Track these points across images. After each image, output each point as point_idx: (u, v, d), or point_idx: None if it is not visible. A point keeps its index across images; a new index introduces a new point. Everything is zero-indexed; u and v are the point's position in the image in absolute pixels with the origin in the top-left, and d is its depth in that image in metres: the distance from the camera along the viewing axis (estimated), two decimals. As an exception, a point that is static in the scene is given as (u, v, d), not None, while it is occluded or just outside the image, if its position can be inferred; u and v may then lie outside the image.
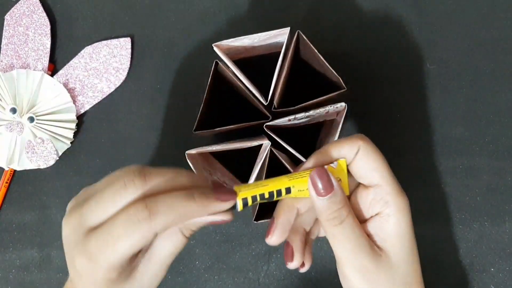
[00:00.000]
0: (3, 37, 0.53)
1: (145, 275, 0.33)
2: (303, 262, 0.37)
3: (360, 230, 0.34)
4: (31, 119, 0.51)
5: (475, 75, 0.52)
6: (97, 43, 0.53)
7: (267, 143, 0.43)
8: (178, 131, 0.52)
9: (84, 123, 0.53)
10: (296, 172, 0.34)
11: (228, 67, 0.44)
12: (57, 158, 0.52)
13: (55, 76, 0.53)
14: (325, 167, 0.34)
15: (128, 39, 0.53)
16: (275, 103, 0.44)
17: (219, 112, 0.50)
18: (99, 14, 0.54)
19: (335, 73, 0.43)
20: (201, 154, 0.46)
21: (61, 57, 0.54)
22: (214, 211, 0.31)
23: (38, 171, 0.53)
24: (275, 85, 0.44)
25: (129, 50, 0.53)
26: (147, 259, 0.33)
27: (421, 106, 0.52)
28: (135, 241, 0.29)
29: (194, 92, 0.52)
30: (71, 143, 0.52)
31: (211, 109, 0.47)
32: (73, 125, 0.52)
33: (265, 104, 0.44)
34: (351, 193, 0.36)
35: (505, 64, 0.52)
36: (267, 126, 0.44)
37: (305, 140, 0.50)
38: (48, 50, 0.53)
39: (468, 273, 0.50)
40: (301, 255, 0.37)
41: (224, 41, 0.44)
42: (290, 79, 0.48)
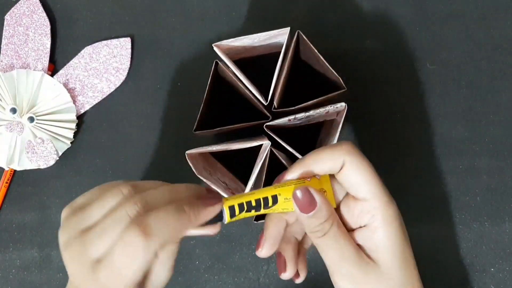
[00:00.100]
0: (3, 37, 0.53)
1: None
2: (297, 272, 0.37)
3: (346, 239, 0.34)
4: (31, 119, 0.51)
5: (475, 75, 0.52)
6: (97, 43, 0.53)
7: (267, 143, 0.43)
8: (178, 131, 0.52)
9: (84, 123, 0.53)
10: (281, 183, 0.35)
11: (228, 67, 0.44)
12: (57, 158, 0.52)
13: (55, 76, 0.53)
14: (308, 179, 0.34)
15: (128, 39, 0.53)
16: (275, 103, 0.44)
17: (219, 112, 0.50)
18: (99, 14, 0.54)
19: (335, 73, 0.43)
20: (201, 154, 0.46)
21: (61, 57, 0.54)
22: (205, 219, 0.32)
23: (38, 171, 0.52)
24: (275, 85, 0.44)
25: (129, 50, 0.53)
26: (150, 280, 0.33)
27: (421, 106, 0.52)
28: (139, 266, 0.30)
29: (194, 92, 0.52)
30: (71, 143, 0.52)
31: (211, 109, 0.47)
32: (73, 125, 0.52)
33: (265, 104, 0.44)
34: (339, 203, 0.36)
35: (505, 64, 0.52)
36: (267, 126, 0.44)
37: (305, 140, 0.50)
38: (48, 50, 0.53)
39: (468, 273, 0.50)
40: (294, 264, 0.37)
41: (224, 41, 0.44)
42: (290, 79, 0.48)
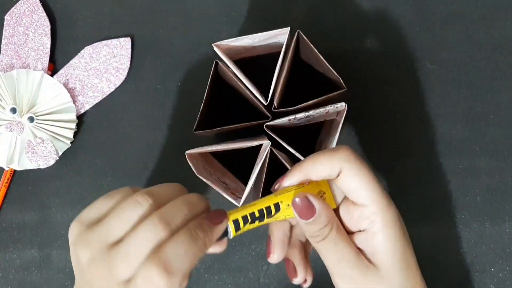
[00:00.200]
0: (3, 37, 0.53)
1: None
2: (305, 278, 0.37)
3: (345, 243, 0.34)
4: (31, 119, 0.51)
5: (475, 75, 0.52)
6: (97, 43, 0.53)
7: (267, 143, 0.43)
8: (178, 131, 0.52)
9: (84, 123, 0.53)
10: (280, 190, 0.35)
11: (228, 67, 0.44)
12: (57, 158, 0.52)
13: (55, 76, 0.53)
14: (307, 183, 0.34)
15: (128, 39, 0.53)
16: (275, 103, 0.44)
17: (219, 112, 0.50)
18: (99, 14, 0.54)
19: (335, 73, 0.43)
20: (201, 154, 0.46)
21: (61, 57, 0.54)
22: (216, 239, 0.33)
23: (38, 171, 0.52)
24: (275, 85, 0.44)
25: (129, 50, 0.53)
26: None
27: (421, 106, 0.52)
28: None
29: (194, 92, 0.52)
30: (71, 143, 0.52)
31: (211, 109, 0.47)
32: (73, 125, 0.52)
33: (265, 104, 0.44)
34: (339, 205, 0.36)
35: (505, 64, 0.52)
36: (267, 126, 0.44)
37: (305, 140, 0.50)
38: (48, 50, 0.53)
39: (468, 273, 0.50)
40: (304, 268, 0.37)
41: (224, 41, 0.44)
42: (290, 79, 0.48)
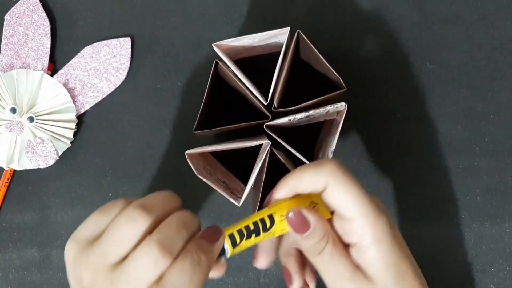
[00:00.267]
0: (3, 37, 0.53)
1: None
2: (305, 283, 0.37)
3: (342, 256, 0.34)
4: (31, 119, 0.51)
5: (475, 75, 0.52)
6: (97, 43, 0.53)
7: (267, 143, 0.43)
8: (178, 131, 0.52)
9: (84, 123, 0.53)
10: (272, 203, 0.35)
11: (228, 67, 0.44)
12: (57, 158, 0.52)
13: (55, 76, 0.53)
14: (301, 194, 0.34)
15: (128, 39, 0.53)
16: (275, 103, 0.44)
17: (219, 112, 0.50)
18: (99, 14, 0.54)
19: (335, 73, 0.43)
20: (201, 154, 0.46)
21: (61, 57, 0.54)
22: (215, 259, 0.32)
23: (38, 171, 0.52)
24: (275, 85, 0.44)
25: (129, 50, 0.53)
26: None
27: (421, 106, 0.52)
28: None
29: (194, 92, 0.52)
30: (71, 143, 0.52)
31: (211, 109, 0.47)
32: (73, 125, 0.52)
33: (265, 104, 0.44)
34: (333, 213, 0.35)
35: (505, 64, 0.52)
36: (267, 126, 0.44)
37: (305, 140, 0.50)
38: (48, 50, 0.53)
39: (468, 273, 0.50)
40: (300, 275, 0.37)
41: (224, 41, 0.44)
42: (290, 79, 0.48)
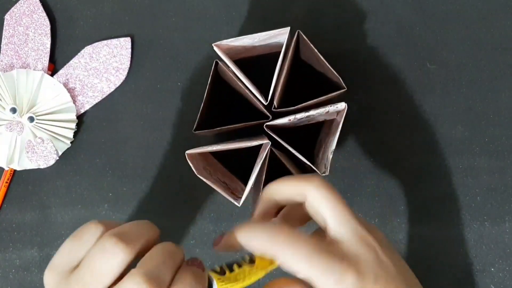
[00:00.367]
0: (3, 37, 0.53)
1: None
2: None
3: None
4: (31, 119, 0.51)
5: (475, 75, 0.52)
6: (97, 43, 0.53)
7: (267, 142, 0.43)
8: (178, 131, 0.52)
9: (84, 123, 0.53)
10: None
11: (228, 67, 0.44)
12: (57, 158, 0.52)
13: (55, 76, 0.53)
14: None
15: (128, 39, 0.53)
16: (275, 103, 0.44)
17: (219, 112, 0.50)
18: (99, 14, 0.54)
19: (335, 73, 0.43)
20: (201, 154, 0.46)
21: (61, 57, 0.54)
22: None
23: (38, 171, 0.52)
24: (275, 85, 0.44)
25: (129, 50, 0.53)
26: None
27: (421, 106, 0.52)
28: None
29: (194, 92, 0.52)
30: (71, 143, 0.52)
31: (211, 109, 0.47)
32: (73, 125, 0.52)
33: (265, 104, 0.44)
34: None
35: (505, 64, 0.52)
36: (267, 126, 0.44)
37: (305, 140, 0.50)
38: (48, 50, 0.53)
39: (468, 273, 0.50)
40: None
41: (224, 41, 0.44)
42: (290, 79, 0.48)
